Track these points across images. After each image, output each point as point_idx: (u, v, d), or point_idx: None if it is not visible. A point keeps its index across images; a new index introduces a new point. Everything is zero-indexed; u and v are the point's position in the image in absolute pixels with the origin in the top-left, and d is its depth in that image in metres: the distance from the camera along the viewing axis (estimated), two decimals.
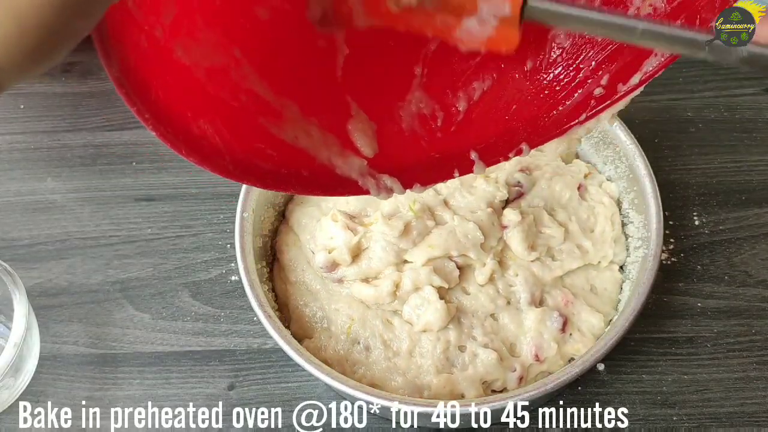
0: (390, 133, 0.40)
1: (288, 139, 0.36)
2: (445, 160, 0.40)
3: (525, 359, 0.49)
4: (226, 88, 0.34)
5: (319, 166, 0.37)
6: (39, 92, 0.72)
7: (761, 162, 0.62)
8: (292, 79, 0.38)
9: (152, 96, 0.30)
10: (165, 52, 0.31)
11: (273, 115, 0.36)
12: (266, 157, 0.35)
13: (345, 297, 0.51)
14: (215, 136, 0.33)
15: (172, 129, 0.31)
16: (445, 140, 0.41)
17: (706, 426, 0.51)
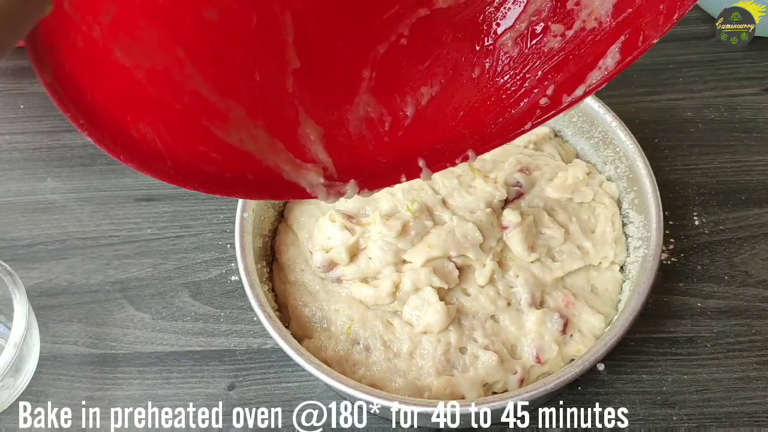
0: (338, 138, 0.40)
1: (233, 142, 0.36)
2: (393, 165, 0.40)
3: (526, 361, 0.49)
4: (168, 89, 0.33)
5: (265, 170, 0.36)
6: (39, 92, 0.72)
7: (761, 162, 0.62)
8: (238, 82, 0.37)
9: (88, 100, 0.30)
10: (103, 54, 0.31)
11: (217, 118, 0.35)
12: (210, 161, 0.35)
13: (344, 297, 0.51)
14: (156, 139, 0.33)
15: (109, 134, 0.31)
16: (393, 145, 0.41)
17: (706, 426, 0.51)
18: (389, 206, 0.52)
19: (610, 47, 0.37)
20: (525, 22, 0.41)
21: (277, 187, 0.37)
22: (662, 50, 0.70)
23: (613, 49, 0.37)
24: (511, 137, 0.40)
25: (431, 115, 0.41)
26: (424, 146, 0.40)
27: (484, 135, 0.40)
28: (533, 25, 0.40)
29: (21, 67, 0.73)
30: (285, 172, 0.37)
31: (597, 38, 0.38)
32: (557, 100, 0.39)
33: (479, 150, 0.40)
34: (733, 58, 0.69)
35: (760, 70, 0.68)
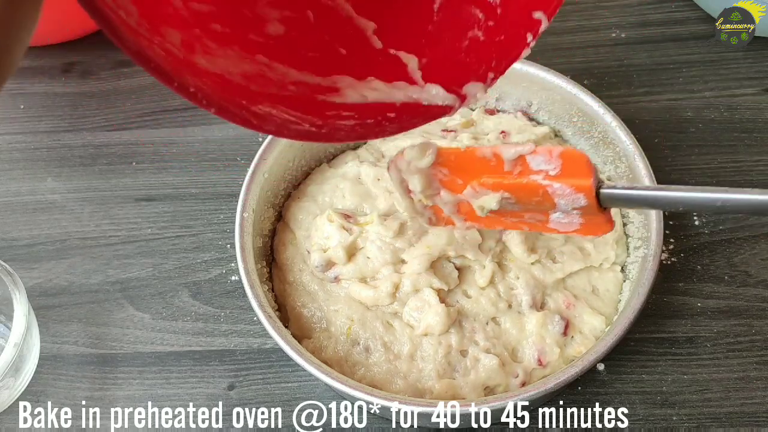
0: (447, 51, 0.41)
1: (357, 100, 0.37)
2: (512, 35, 0.39)
3: (527, 364, 0.49)
4: (270, 85, 0.34)
5: (403, 106, 0.38)
6: (39, 92, 0.72)
7: (761, 162, 0.62)
8: (329, 61, 0.38)
9: (192, 83, 0.29)
10: (189, 64, 0.31)
11: (330, 91, 0.37)
12: (345, 118, 0.36)
13: (343, 298, 0.51)
14: (282, 114, 0.33)
15: (231, 107, 0.31)
16: (499, 23, 0.40)
17: (706, 426, 0.51)
18: (387, 205, 0.52)
19: None
20: None
21: (422, 113, 0.38)
22: (662, 50, 0.70)
23: None
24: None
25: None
26: (527, 1, 0.40)
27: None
28: None
29: (21, 67, 0.73)
30: (422, 99, 0.38)
31: None
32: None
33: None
34: (733, 58, 0.69)
35: (760, 70, 0.68)
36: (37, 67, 0.73)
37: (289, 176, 0.57)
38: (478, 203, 0.43)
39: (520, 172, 0.41)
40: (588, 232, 0.42)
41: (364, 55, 0.40)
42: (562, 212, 0.41)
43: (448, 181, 0.45)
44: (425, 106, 0.38)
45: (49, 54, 0.74)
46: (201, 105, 0.29)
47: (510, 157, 0.41)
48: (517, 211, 0.43)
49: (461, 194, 0.44)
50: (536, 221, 0.44)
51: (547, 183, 0.40)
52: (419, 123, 0.38)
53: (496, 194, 0.43)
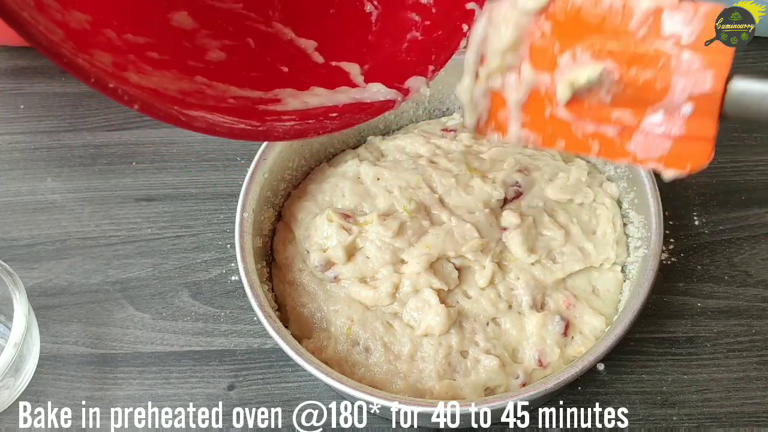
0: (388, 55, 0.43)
1: (299, 107, 0.38)
2: (448, 30, 0.41)
3: (528, 365, 0.49)
4: (209, 99, 0.35)
5: (345, 107, 0.39)
6: (39, 92, 0.72)
7: (761, 162, 0.62)
8: (272, 78, 0.40)
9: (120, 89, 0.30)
10: (117, 77, 0.32)
11: (271, 102, 0.38)
12: (284, 120, 0.37)
13: (343, 298, 0.51)
14: (215, 119, 0.33)
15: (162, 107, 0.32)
16: (435, 21, 0.42)
17: (706, 426, 0.51)
18: (386, 205, 0.52)
19: None
20: None
21: (366, 109, 0.40)
22: None
23: None
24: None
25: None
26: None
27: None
28: None
29: (21, 67, 0.73)
30: (364, 98, 0.40)
31: None
32: None
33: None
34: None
35: (760, 70, 0.68)
36: (37, 67, 0.73)
37: (288, 176, 0.57)
38: (569, 78, 0.35)
39: (645, 35, 0.33)
40: (675, 160, 0.35)
41: (306, 69, 0.41)
42: (664, 112, 0.34)
43: (540, 48, 0.36)
44: (368, 103, 0.39)
45: None
46: (122, 101, 0.29)
47: (643, 9, 0.33)
48: (606, 104, 0.35)
49: (548, 72, 0.36)
50: (621, 129, 0.35)
51: (675, 52, 0.32)
52: (363, 119, 0.39)
53: (597, 64, 0.34)
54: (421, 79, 0.40)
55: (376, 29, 0.44)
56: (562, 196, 0.54)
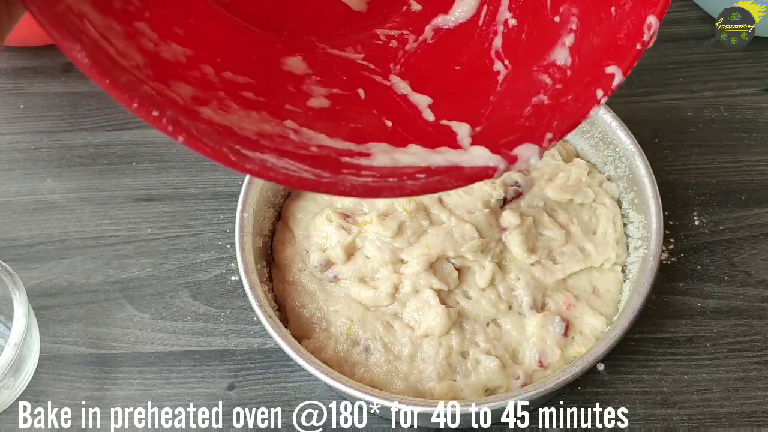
0: (506, 119, 0.37)
1: (387, 164, 0.33)
2: (581, 94, 0.36)
3: (528, 366, 0.49)
4: (288, 144, 0.31)
5: (437, 170, 0.33)
6: (39, 92, 0.72)
7: (761, 162, 0.62)
8: (371, 131, 0.35)
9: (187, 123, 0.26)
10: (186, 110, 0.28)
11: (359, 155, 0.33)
12: (366, 176, 0.31)
13: (343, 298, 0.51)
14: (280, 161, 0.29)
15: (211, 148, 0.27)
16: (568, 84, 0.37)
17: (706, 426, 0.51)
18: (386, 205, 0.52)
19: None
20: None
21: (459, 176, 0.33)
22: (662, 50, 0.70)
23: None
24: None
25: (587, 39, 0.38)
26: (602, 56, 0.36)
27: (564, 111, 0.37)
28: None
29: (21, 67, 0.73)
30: (463, 162, 0.33)
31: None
32: None
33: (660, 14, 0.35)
34: (733, 58, 0.69)
35: (760, 70, 0.68)
36: (37, 67, 0.73)
37: None
38: None
39: None
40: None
41: (410, 125, 0.36)
42: None
43: None
44: (464, 168, 0.33)
45: (49, 54, 0.74)
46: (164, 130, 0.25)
47: None
48: None
49: None
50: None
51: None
52: (452, 186, 0.33)
53: None
54: (534, 148, 0.34)
55: (501, 90, 0.38)
56: (563, 196, 0.54)
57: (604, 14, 0.37)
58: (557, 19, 0.38)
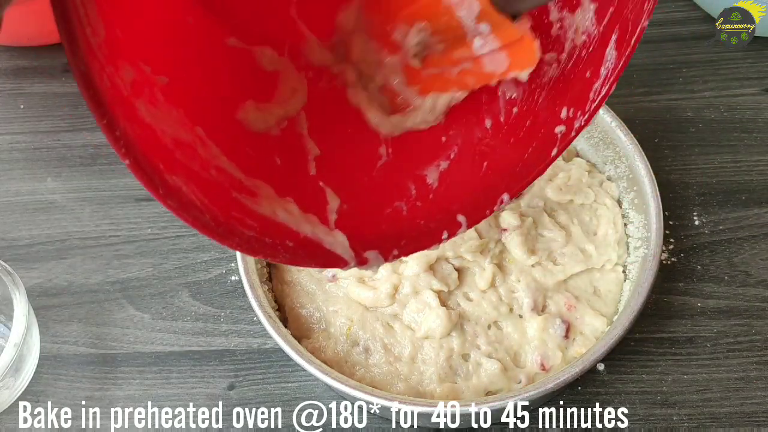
0: (369, 208, 0.40)
1: (267, 213, 0.35)
2: (432, 226, 0.40)
3: (530, 369, 0.49)
4: (195, 161, 0.33)
5: (304, 239, 0.36)
6: (39, 92, 0.72)
7: (761, 162, 0.62)
8: (261, 164, 0.37)
9: (121, 126, 0.28)
10: (129, 103, 0.29)
11: (247, 192, 0.35)
12: (247, 226, 0.34)
13: (342, 298, 0.51)
14: (191, 194, 0.31)
15: (146, 166, 0.29)
16: (426, 208, 0.41)
17: (706, 426, 0.51)
18: None
19: (606, 51, 0.37)
20: None
21: (319, 256, 0.36)
22: (662, 50, 0.70)
23: (609, 51, 0.37)
24: (540, 170, 0.40)
25: (456, 174, 0.41)
26: (458, 202, 0.40)
27: (513, 176, 0.40)
28: None
29: (21, 67, 0.73)
30: (325, 241, 0.37)
31: (591, 49, 0.38)
32: (571, 122, 0.39)
33: (513, 192, 0.40)
34: (733, 58, 0.69)
35: (760, 70, 0.68)
36: (37, 67, 0.73)
37: None
38: (409, 48, 0.39)
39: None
40: (519, 63, 0.38)
41: (294, 173, 0.39)
42: (478, 36, 0.38)
43: (378, 33, 0.40)
44: (324, 250, 0.36)
45: (49, 54, 0.74)
46: (119, 151, 0.28)
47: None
48: (444, 51, 0.40)
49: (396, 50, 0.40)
50: (471, 63, 0.40)
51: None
52: (311, 264, 0.36)
53: (414, 28, 0.39)
54: (379, 258, 0.38)
55: (375, 175, 0.41)
56: (563, 197, 0.54)
57: (476, 165, 0.41)
58: (444, 138, 0.42)
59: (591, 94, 0.38)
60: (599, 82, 0.38)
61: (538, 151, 0.40)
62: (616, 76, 0.37)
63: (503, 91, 0.41)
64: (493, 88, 0.41)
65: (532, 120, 0.40)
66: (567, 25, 0.39)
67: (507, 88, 0.41)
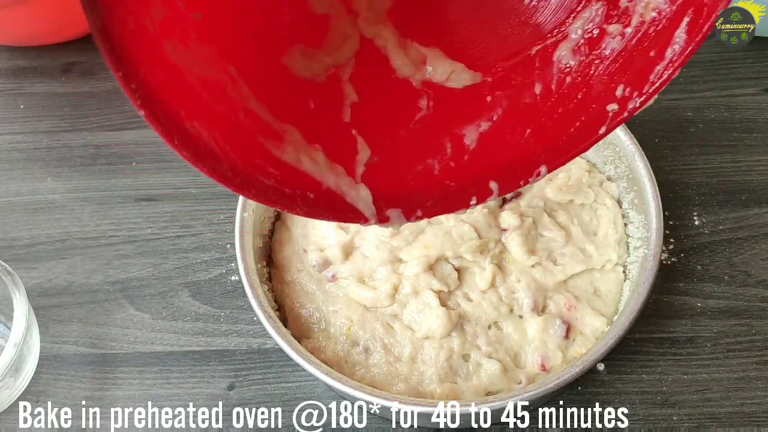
0: (400, 162, 0.39)
1: (291, 161, 0.34)
2: (462, 188, 0.38)
3: (530, 370, 0.49)
4: (222, 102, 0.32)
5: (326, 191, 0.35)
6: (39, 92, 0.72)
7: (761, 162, 0.62)
8: (294, 108, 0.36)
9: (141, 76, 0.27)
10: (154, 45, 0.28)
11: (274, 137, 0.34)
12: (268, 174, 0.33)
13: (342, 298, 0.51)
14: (211, 141, 0.30)
15: (163, 115, 0.28)
16: (460, 168, 0.39)
17: (706, 426, 0.51)
18: None
19: (675, 32, 0.35)
20: (579, 30, 0.39)
21: (339, 209, 0.35)
22: None
23: (679, 33, 0.35)
24: (584, 147, 0.38)
25: (496, 138, 0.40)
26: (493, 167, 0.39)
27: (555, 148, 0.38)
28: (588, 33, 0.38)
29: (21, 67, 0.73)
30: (347, 195, 0.36)
31: (659, 27, 0.36)
32: (625, 101, 0.37)
33: (552, 165, 0.38)
34: (733, 58, 0.69)
35: (760, 70, 0.68)
36: (37, 67, 0.73)
37: None
38: None
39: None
40: None
41: (327, 119, 0.37)
42: None
43: None
44: (345, 204, 0.35)
45: (49, 54, 0.74)
46: (135, 102, 0.27)
47: None
48: None
49: None
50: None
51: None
52: (329, 218, 0.35)
53: None
54: (401, 217, 0.37)
55: (411, 129, 0.39)
56: (563, 197, 0.54)
57: (518, 130, 0.39)
58: (489, 98, 0.40)
59: (652, 75, 0.36)
60: (663, 65, 0.35)
61: (586, 127, 0.38)
62: (683, 61, 0.35)
63: (559, 57, 0.39)
64: (548, 52, 0.39)
65: (585, 93, 0.38)
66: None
67: (563, 54, 0.39)
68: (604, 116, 0.37)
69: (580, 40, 0.39)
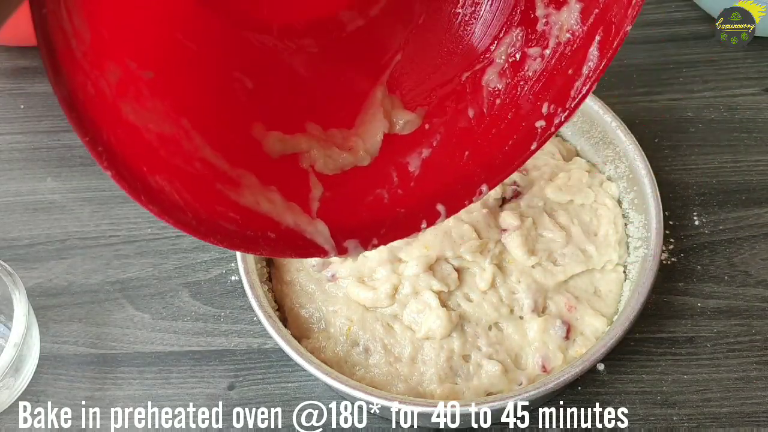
0: (351, 195, 0.41)
1: (250, 204, 0.36)
2: (412, 214, 0.41)
3: (531, 371, 0.49)
4: (179, 154, 0.33)
5: (286, 230, 0.37)
6: (39, 92, 0.72)
7: (761, 162, 0.62)
8: (247, 153, 0.38)
9: (104, 138, 0.29)
10: (113, 108, 0.30)
11: (230, 183, 0.35)
12: (230, 220, 0.34)
13: (342, 298, 0.51)
14: (174, 193, 0.32)
15: (128, 173, 0.30)
16: (407, 196, 0.42)
17: (706, 426, 0.51)
18: None
19: (589, 51, 0.38)
20: (503, 55, 0.42)
21: (300, 246, 0.37)
22: (662, 50, 0.70)
23: (592, 51, 0.38)
24: (519, 163, 0.41)
25: (437, 162, 0.43)
26: (438, 190, 0.41)
27: (493, 167, 0.41)
28: (511, 57, 0.42)
29: (21, 67, 0.73)
30: (306, 231, 0.37)
31: (575, 47, 0.39)
32: (551, 117, 0.40)
33: (492, 182, 0.41)
34: (733, 58, 0.69)
35: (760, 70, 0.68)
36: (37, 67, 0.73)
37: None
38: None
39: None
40: None
41: (279, 161, 0.39)
42: None
43: None
44: (305, 240, 0.37)
45: None
46: (102, 164, 0.29)
47: None
48: None
49: None
50: None
51: None
52: (291, 255, 0.37)
53: None
54: (359, 247, 0.39)
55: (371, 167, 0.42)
56: (563, 197, 0.54)
57: (457, 154, 0.42)
58: (427, 126, 0.43)
59: (572, 92, 0.39)
60: (580, 81, 0.39)
61: (519, 144, 0.41)
62: (597, 76, 0.38)
63: (487, 81, 0.43)
64: (477, 78, 0.42)
65: (514, 113, 0.42)
66: (552, 21, 0.40)
67: (491, 78, 0.43)
68: (534, 133, 0.41)
69: (504, 64, 0.42)
